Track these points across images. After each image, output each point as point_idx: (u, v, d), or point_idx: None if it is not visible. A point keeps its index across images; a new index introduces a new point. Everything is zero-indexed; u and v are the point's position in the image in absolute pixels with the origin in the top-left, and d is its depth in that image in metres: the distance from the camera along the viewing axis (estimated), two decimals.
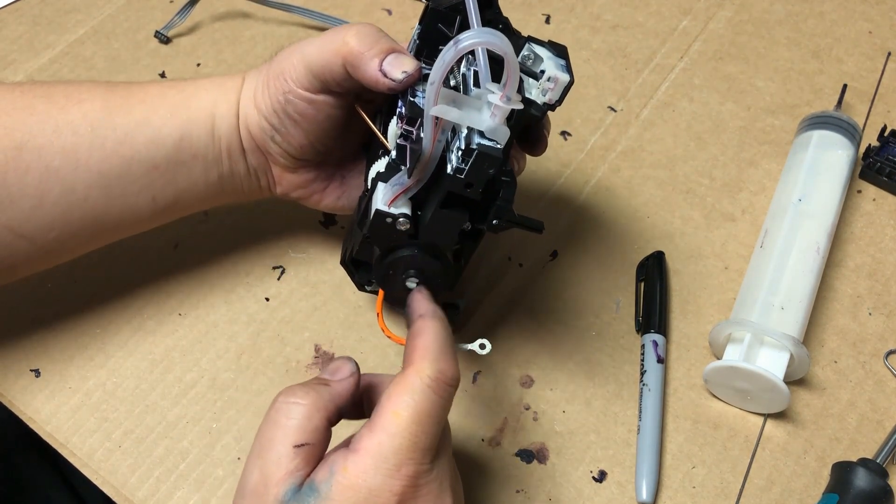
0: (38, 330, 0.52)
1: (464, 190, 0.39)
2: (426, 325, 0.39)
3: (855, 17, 0.69)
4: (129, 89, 0.47)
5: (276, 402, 0.38)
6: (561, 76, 0.42)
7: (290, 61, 0.44)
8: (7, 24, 0.68)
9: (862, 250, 0.57)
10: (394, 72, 0.41)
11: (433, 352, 0.38)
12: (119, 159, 0.45)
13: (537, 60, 0.43)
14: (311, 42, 0.44)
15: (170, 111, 0.46)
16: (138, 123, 0.45)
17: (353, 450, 0.36)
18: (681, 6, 0.70)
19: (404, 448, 0.35)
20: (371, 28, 0.43)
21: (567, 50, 0.44)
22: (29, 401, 0.50)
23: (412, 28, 0.68)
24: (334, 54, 0.42)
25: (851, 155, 0.57)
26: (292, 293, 0.54)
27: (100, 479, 0.47)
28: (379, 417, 0.36)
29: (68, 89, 0.46)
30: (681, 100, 0.64)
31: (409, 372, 0.37)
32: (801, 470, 0.48)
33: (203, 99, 0.46)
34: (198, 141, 0.46)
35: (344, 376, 0.40)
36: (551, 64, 0.43)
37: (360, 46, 0.42)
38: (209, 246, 0.56)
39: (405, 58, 0.42)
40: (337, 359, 0.41)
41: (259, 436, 0.37)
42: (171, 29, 0.67)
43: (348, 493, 0.35)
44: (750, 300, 0.51)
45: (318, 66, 0.43)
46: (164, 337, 0.52)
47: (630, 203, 0.59)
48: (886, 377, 0.52)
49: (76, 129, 0.44)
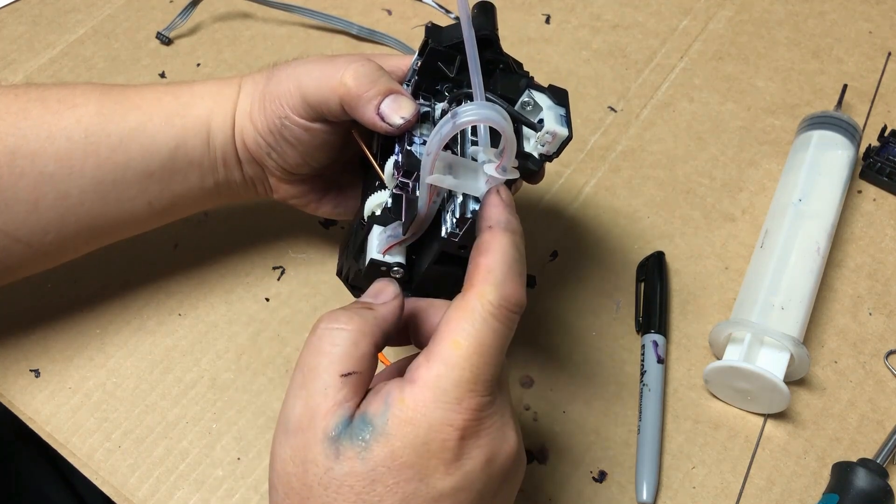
0: (38, 330, 0.52)
1: (458, 251, 0.38)
2: (494, 240, 0.35)
3: (855, 17, 0.69)
4: (125, 93, 0.46)
5: (317, 329, 0.35)
6: (559, 131, 0.41)
7: (286, 87, 0.44)
8: (7, 24, 0.68)
9: (862, 250, 0.57)
10: (392, 116, 0.41)
11: (498, 273, 0.34)
12: (113, 165, 0.45)
13: (536, 108, 0.42)
14: (308, 71, 0.43)
15: (165, 119, 0.45)
16: (133, 130, 0.45)
17: (410, 380, 0.33)
18: (681, 6, 0.70)
19: (465, 380, 0.33)
20: (369, 67, 0.42)
21: (567, 95, 0.43)
22: (29, 401, 0.50)
23: (412, 28, 0.68)
24: (331, 92, 0.42)
25: (852, 155, 0.57)
26: (292, 293, 0.54)
27: (100, 479, 0.47)
28: (437, 346, 0.33)
29: (62, 93, 0.45)
30: (681, 100, 0.64)
31: (471, 296, 0.34)
32: (802, 470, 0.48)
33: (199, 107, 0.46)
34: (193, 150, 0.46)
35: (388, 299, 0.37)
36: (551, 116, 0.41)
37: (357, 88, 0.41)
38: (209, 246, 0.56)
39: (403, 100, 0.41)
40: (378, 281, 0.38)
41: (300, 365, 0.34)
42: (173, 30, 0.67)
43: (406, 427, 0.32)
44: (750, 300, 0.51)
45: (315, 101, 0.43)
46: (163, 337, 0.52)
47: (630, 203, 0.59)
48: (886, 377, 0.52)
49: (70, 134, 0.44)
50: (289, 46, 0.67)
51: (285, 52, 0.66)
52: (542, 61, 0.66)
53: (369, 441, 0.32)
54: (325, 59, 0.44)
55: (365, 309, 0.36)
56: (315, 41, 0.67)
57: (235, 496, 0.47)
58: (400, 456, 0.32)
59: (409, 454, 0.32)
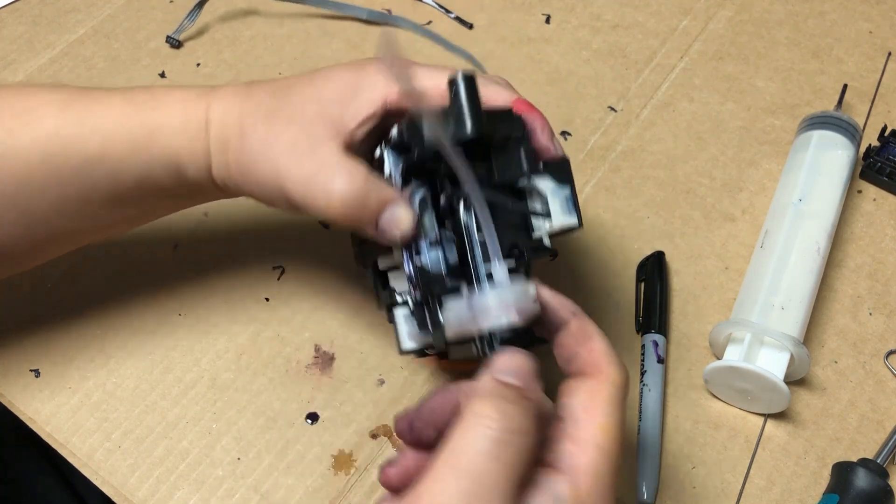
0: (38, 330, 0.52)
1: None
2: (590, 327, 0.36)
3: (855, 17, 0.69)
4: (84, 112, 0.42)
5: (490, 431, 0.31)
6: (568, 223, 0.40)
7: (264, 173, 0.40)
8: (7, 24, 0.68)
9: (862, 250, 0.57)
10: (391, 232, 0.39)
11: (614, 355, 0.35)
12: (77, 189, 0.42)
13: (539, 196, 0.41)
14: (287, 165, 0.40)
15: (129, 147, 0.42)
16: (95, 156, 0.42)
17: (568, 471, 0.33)
18: (681, 6, 0.70)
19: (614, 461, 0.34)
20: (355, 188, 0.39)
21: (569, 166, 0.41)
22: (29, 401, 0.50)
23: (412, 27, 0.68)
24: (319, 209, 0.40)
25: (852, 155, 0.57)
26: (292, 293, 0.54)
27: (100, 479, 0.47)
28: (583, 432, 0.33)
29: (17, 107, 0.42)
30: (681, 100, 0.64)
31: (603, 382, 0.35)
32: (802, 470, 0.48)
33: (165, 140, 0.42)
34: (163, 180, 0.43)
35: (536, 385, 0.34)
36: (557, 205, 0.40)
37: (348, 216, 0.39)
38: (209, 246, 0.56)
39: (399, 213, 0.39)
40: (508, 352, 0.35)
41: (465, 470, 0.31)
42: (182, 32, 0.67)
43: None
44: (750, 300, 0.51)
45: (301, 205, 0.40)
46: (163, 337, 0.52)
47: (630, 203, 0.59)
48: (887, 377, 0.52)
49: (27, 157, 0.41)
50: (289, 46, 0.67)
51: (285, 51, 0.66)
52: (542, 61, 0.66)
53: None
54: (298, 133, 0.40)
55: (530, 403, 0.33)
56: (315, 41, 0.67)
57: (235, 496, 0.47)
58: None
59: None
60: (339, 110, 0.41)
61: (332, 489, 0.47)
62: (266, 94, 0.43)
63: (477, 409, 0.32)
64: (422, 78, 0.41)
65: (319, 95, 0.42)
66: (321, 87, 0.42)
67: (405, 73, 0.35)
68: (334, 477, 0.48)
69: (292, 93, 0.42)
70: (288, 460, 0.48)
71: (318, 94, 0.42)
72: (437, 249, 0.39)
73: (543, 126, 0.41)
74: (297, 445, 0.49)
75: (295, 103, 0.42)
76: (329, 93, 0.42)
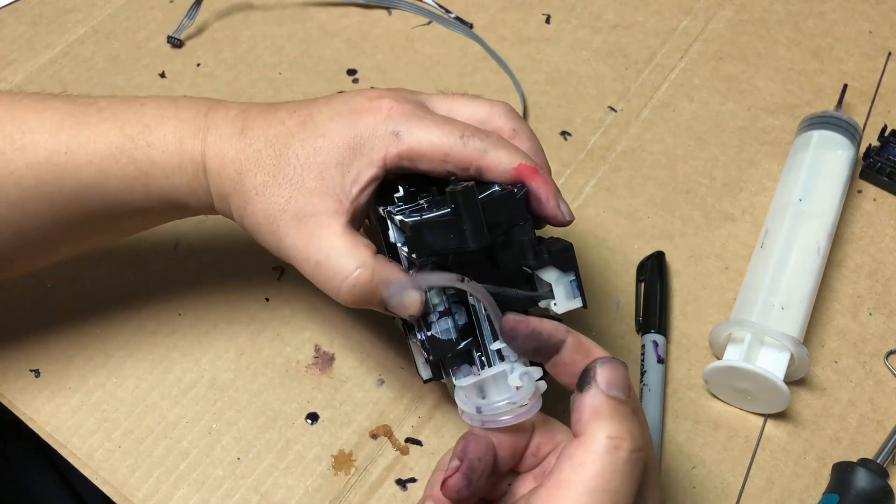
0: (38, 330, 0.52)
1: None
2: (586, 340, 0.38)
3: (855, 17, 0.69)
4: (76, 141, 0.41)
5: None
6: (573, 306, 0.42)
7: (268, 243, 0.41)
8: (7, 24, 0.68)
9: (862, 250, 0.57)
10: (401, 313, 0.40)
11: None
12: (71, 214, 0.42)
13: (544, 284, 0.42)
14: (296, 248, 0.40)
15: (123, 183, 0.42)
16: (88, 187, 0.42)
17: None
18: (681, 6, 0.70)
19: None
20: (362, 281, 0.39)
21: (573, 251, 0.41)
22: (29, 401, 0.50)
23: (412, 28, 0.68)
24: (328, 293, 0.40)
25: (852, 155, 0.57)
26: (292, 293, 0.54)
27: (100, 479, 0.47)
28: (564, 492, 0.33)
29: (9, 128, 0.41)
30: (681, 100, 0.64)
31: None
32: (802, 470, 0.48)
33: (161, 182, 0.42)
34: (160, 209, 0.44)
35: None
36: (561, 291, 0.41)
37: (359, 304, 0.40)
38: (209, 246, 0.56)
39: (407, 297, 0.39)
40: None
41: None
42: (182, 31, 0.67)
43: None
44: (750, 300, 0.51)
45: (309, 278, 0.41)
46: (163, 337, 0.52)
47: (630, 203, 0.59)
48: (887, 377, 0.52)
49: (20, 181, 0.41)
50: (289, 46, 0.67)
51: (285, 51, 0.66)
52: (542, 61, 0.66)
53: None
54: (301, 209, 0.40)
55: None
56: (315, 41, 0.67)
57: (235, 496, 0.47)
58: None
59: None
60: (338, 176, 0.40)
61: (332, 489, 0.47)
62: (262, 145, 0.41)
63: (608, 431, 0.33)
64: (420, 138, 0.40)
65: (318, 158, 0.40)
66: (319, 146, 0.40)
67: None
68: (334, 477, 0.48)
69: (289, 151, 0.41)
70: (288, 460, 0.48)
71: (317, 157, 0.40)
72: (446, 319, 0.40)
73: (548, 193, 0.40)
74: (296, 445, 0.49)
75: (293, 167, 0.40)
76: (327, 154, 0.40)
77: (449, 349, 0.40)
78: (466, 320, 0.41)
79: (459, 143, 0.40)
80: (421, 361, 0.44)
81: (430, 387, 0.50)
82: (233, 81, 0.65)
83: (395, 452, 0.49)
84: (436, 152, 0.40)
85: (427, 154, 0.40)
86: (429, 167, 0.40)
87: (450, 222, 0.38)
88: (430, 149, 0.40)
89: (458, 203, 0.38)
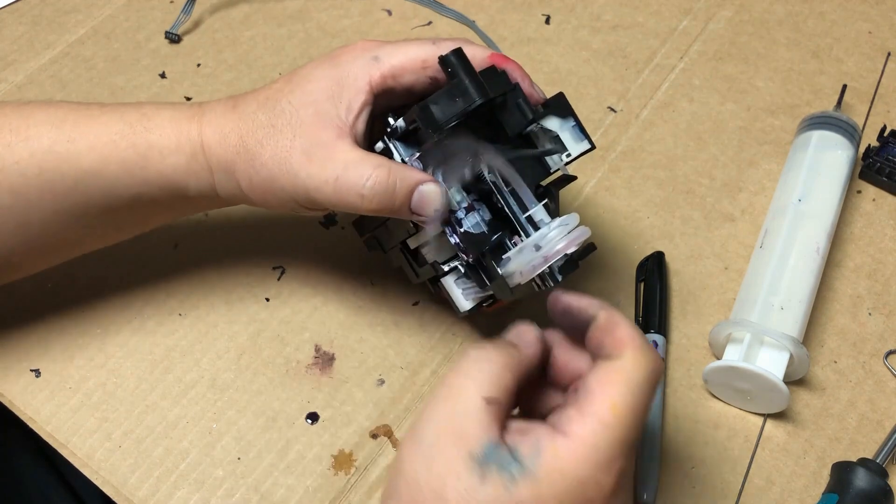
0: (38, 330, 0.52)
1: None
2: (618, 317, 0.37)
3: (855, 18, 0.69)
4: (79, 128, 0.43)
5: (468, 355, 0.36)
6: (582, 148, 0.45)
7: (282, 184, 0.42)
8: (7, 24, 0.68)
9: (862, 250, 0.57)
10: (425, 212, 0.41)
11: (644, 344, 0.36)
12: (73, 203, 0.43)
13: (547, 135, 0.45)
14: (311, 177, 0.41)
15: (123, 168, 0.43)
16: (88, 174, 0.43)
17: (563, 432, 0.34)
18: (681, 6, 0.70)
19: (618, 442, 0.34)
20: (380, 179, 0.41)
21: (566, 99, 0.45)
22: (29, 401, 0.50)
23: (412, 29, 0.68)
24: (350, 204, 0.41)
25: (851, 155, 0.57)
26: (292, 293, 0.54)
27: (100, 479, 0.47)
28: (592, 405, 0.34)
29: (15, 122, 0.43)
30: (681, 100, 0.64)
31: (628, 363, 0.35)
32: (801, 470, 0.48)
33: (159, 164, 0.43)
34: (159, 196, 0.44)
35: (530, 343, 0.38)
36: (567, 136, 0.45)
37: (382, 206, 0.41)
38: (209, 246, 0.56)
39: (427, 192, 0.41)
40: (519, 323, 0.39)
41: (446, 384, 0.36)
42: (180, 27, 0.67)
43: (555, 476, 0.33)
44: (750, 300, 0.51)
45: (328, 204, 0.42)
46: (164, 337, 0.52)
47: (630, 203, 0.59)
48: (886, 377, 0.52)
49: (23, 170, 0.42)
50: (289, 46, 0.67)
51: (285, 52, 0.67)
52: (541, 61, 0.66)
53: (516, 477, 0.33)
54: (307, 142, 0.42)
55: (512, 347, 0.37)
56: (315, 42, 0.67)
57: (235, 496, 0.47)
58: (544, 501, 0.33)
59: (552, 501, 0.33)
60: (332, 107, 0.42)
61: (332, 489, 0.47)
62: (255, 109, 0.43)
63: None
64: (398, 55, 0.43)
65: (309, 98, 0.42)
66: (307, 90, 0.43)
67: None
68: (334, 477, 0.48)
69: (281, 102, 0.43)
70: (288, 460, 0.48)
71: (307, 97, 0.42)
72: (473, 213, 0.42)
73: (523, 76, 0.44)
74: (297, 445, 0.49)
75: (289, 113, 0.42)
76: (316, 93, 0.42)
77: (484, 242, 0.42)
78: (490, 216, 0.43)
79: (434, 48, 0.42)
80: (459, 295, 0.46)
81: (429, 387, 0.51)
82: (233, 82, 0.65)
83: (395, 452, 0.49)
84: (414, 62, 0.42)
85: (407, 66, 0.42)
86: (412, 80, 0.43)
87: (450, 90, 0.40)
88: (408, 60, 0.43)
89: (452, 65, 0.40)
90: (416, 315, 0.53)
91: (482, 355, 0.36)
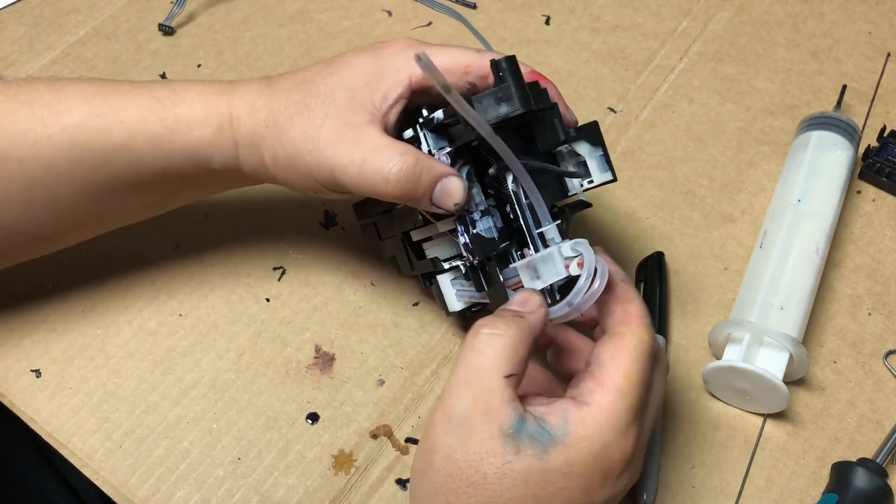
0: (38, 330, 0.52)
1: None
2: (631, 290, 0.41)
3: (854, 18, 0.69)
4: (108, 102, 0.44)
5: (479, 333, 0.38)
6: (605, 178, 0.46)
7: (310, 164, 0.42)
8: (7, 25, 0.68)
9: (861, 251, 0.57)
10: (445, 203, 0.42)
11: (648, 319, 0.39)
12: (102, 176, 0.44)
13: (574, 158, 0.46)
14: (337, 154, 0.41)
15: (150, 141, 0.44)
16: (117, 147, 0.44)
17: (586, 402, 0.37)
18: (680, 7, 0.70)
19: (634, 409, 0.37)
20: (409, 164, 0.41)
21: (598, 128, 0.46)
22: (29, 401, 0.50)
23: (412, 29, 0.68)
24: (375, 189, 0.41)
25: (851, 155, 0.57)
26: (293, 294, 0.54)
27: (100, 479, 0.47)
28: (608, 377, 0.37)
29: (48, 97, 0.44)
30: (680, 101, 0.64)
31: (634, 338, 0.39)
32: (801, 470, 0.49)
33: (186, 137, 0.44)
34: (186, 170, 0.45)
35: (534, 308, 0.40)
36: (594, 164, 0.46)
37: (405, 193, 0.41)
38: (209, 246, 0.56)
39: (451, 186, 0.41)
40: (522, 291, 0.41)
41: (464, 364, 0.37)
42: (173, 19, 0.67)
43: (584, 443, 0.36)
44: (749, 300, 0.51)
45: (353, 188, 0.42)
46: (164, 337, 0.52)
47: (630, 204, 0.59)
48: (886, 377, 0.52)
49: (54, 143, 0.43)
50: (289, 47, 0.67)
51: (286, 52, 0.67)
52: (541, 62, 0.66)
53: (548, 447, 0.36)
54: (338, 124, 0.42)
55: (518, 317, 0.39)
56: (315, 42, 0.67)
57: (236, 496, 0.47)
58: (573, 465, 0.36)
59: (581, 466, 0.36)
60: (368, 94, 0.43)
61: (332, 489, 0.47)
62: (290, 87, 0.44)
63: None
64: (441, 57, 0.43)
65: (346, 83, 0.43)
66: (346, 75, 0.43)
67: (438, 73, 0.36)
68: (334, 477, 0.48)
69: (317, 83, 0.43)
70: (288, 460, 0.48)
71: (345, 82, 0.43)
72: (487, 217, 0.43)
73: (558, 96, 0.45)
74: (297, 445, 0.49)
75: (324, 94, 0.43)
76: (354, 79, 0.43)
77: (492, 247, 0.42)
78: (502, 224, 0.43)
79: (477, 56, 0.43)
80: (451, 294, 0.47)
81: (429, 386, 0.51)
82: None
83: (395, 452, 0.49)
84: (458, 65, 0.43)
85: (450, 68, 0.43)
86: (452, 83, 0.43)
87: (495, 93, 0.40)
88: (453, 63, 0.43)
89: (503, 70, 0.40)
90: (416, 315, 0.53)
91: (496, 332, 0.38)
